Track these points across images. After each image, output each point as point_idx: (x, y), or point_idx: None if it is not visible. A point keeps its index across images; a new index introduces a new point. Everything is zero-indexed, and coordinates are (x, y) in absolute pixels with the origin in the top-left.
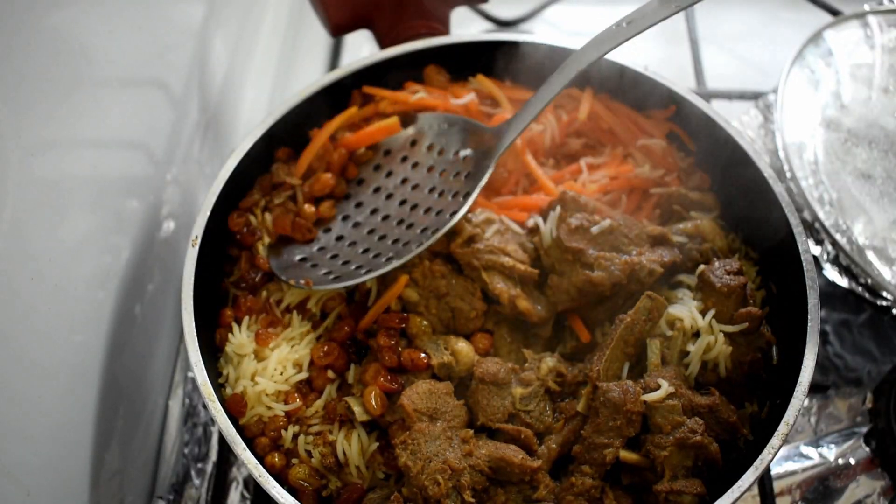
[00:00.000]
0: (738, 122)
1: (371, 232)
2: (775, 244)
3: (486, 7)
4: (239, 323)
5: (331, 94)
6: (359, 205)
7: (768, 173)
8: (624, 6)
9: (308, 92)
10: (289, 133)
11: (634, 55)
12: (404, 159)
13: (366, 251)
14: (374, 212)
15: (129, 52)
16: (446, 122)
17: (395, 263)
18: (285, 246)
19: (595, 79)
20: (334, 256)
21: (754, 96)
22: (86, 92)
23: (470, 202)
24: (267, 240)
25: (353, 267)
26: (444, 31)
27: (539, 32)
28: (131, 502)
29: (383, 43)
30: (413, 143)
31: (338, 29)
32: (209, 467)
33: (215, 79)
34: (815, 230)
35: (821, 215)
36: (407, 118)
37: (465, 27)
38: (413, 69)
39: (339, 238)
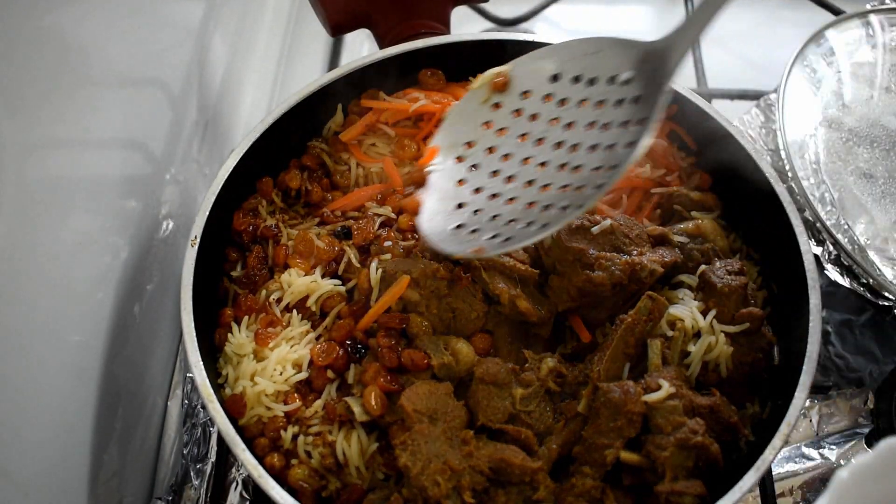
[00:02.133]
0: (739, 121)
1: (530, 183)
2: (777, 244)
3: (486, 7)
4: (238, 323)
5: (330, 94)
6: (506, 156)
7: (769, 173)
8: (624, 6)
9: (307, 91)
10: (289, 132)
11: None
12: (547, 97)
13: (531, 204)
14: (525, 160)
15: (127, 51)
16: (592, 47)
17: (577, 212)
18: (430, 219)
19: None
20: (494, 217)
21: (755, 96)
22: (84, 92)
23: (649, 130)
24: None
25: (522, 225)
26: (445, 30)
27: (539, 32)
28: (130, 503)
29: (383, 42)
30: (555, 77)
31: (337, 28)
32: (208, 468)
33: (214, 78)
34: (816, 230)
35: (822, 215)
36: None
37: (466, 27)
38: (413, 70)
39: (494, 196)
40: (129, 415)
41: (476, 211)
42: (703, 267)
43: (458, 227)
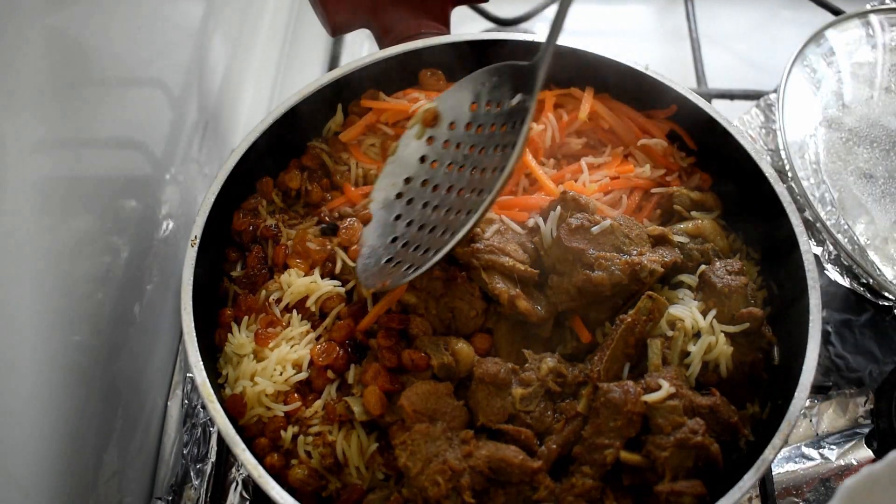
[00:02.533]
0: (740, 121)
1: (436, 208)
2: (776, 244)
3: (486, 7)
4: (238, 323)
5: (330, 94)
6: (436, 187)
7: (769, 173)
8: (624, 6)
9: (307, 91)
10: (289, 133)
11: (636, 55)
12: (468, 125)
13: (432, 230)
14: (449, 189)
15: (127, 51)
16: (496, 75)
17: (453, 242)
18: (369, 256)
19: (596, 79)
20: (405, 245)
21: (755, 96)
22: (84, 92)
23: (514, 157)
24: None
25: (423, 252)
26: (445, 30)
27: (539, 32)
28: (130, 503)
29: (383, 42)
30: (472, 106)
31: (337, 28)
32: (208, 468)
33: (214, 78)
34: (816, 230)
35: (822, 215)
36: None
37: (466, 27)
38: (413, 70)
39: (422, 227)
40: (129, 415)
41: (405, 244)
42: (703, 267)
43: (388, 260)
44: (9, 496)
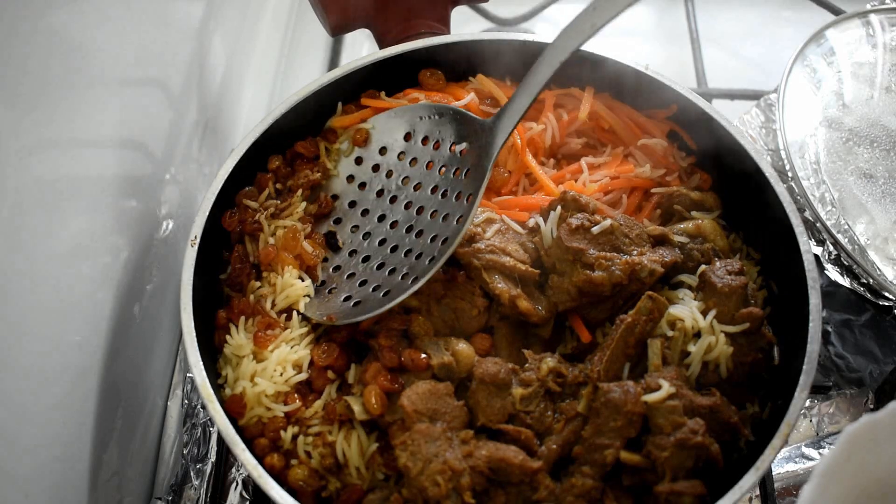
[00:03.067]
0: (740, 121)
1: (382, 243)
2: (776, 244)
3: (486, 7)
4: (234, 324)
5: (330, 93)
6: (365, 212)
7: (769, 173)
8: None
9: (307, 91)
10: (288, 133)
11: (636, 55)
12: (401, 155)
13: (381, 266)
14: (381, 218)
15: (127, 51)
16: (436, 112)
17: (414, 288)
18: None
19: (595, 78)
20: (351, 275)
21: (755, 96)
22: (84, 91)
23: (475, 208)
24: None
25: (371, 288)
26: (445, 30)
27: (540, 32)
28: (130, 503)
29: (383, 43)
30: (407, 136)
31: (337, 28)
32: (208, 468)
33: (214, 78)
34: (816, 230)
35: (822, 215)
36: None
37: (466, 27)
38: (413, 70)
39: (353, 252)
40: (129, 415)
41: (336, 268)
42: (703, 267)
43: (321, 284)
44: (9, 496)
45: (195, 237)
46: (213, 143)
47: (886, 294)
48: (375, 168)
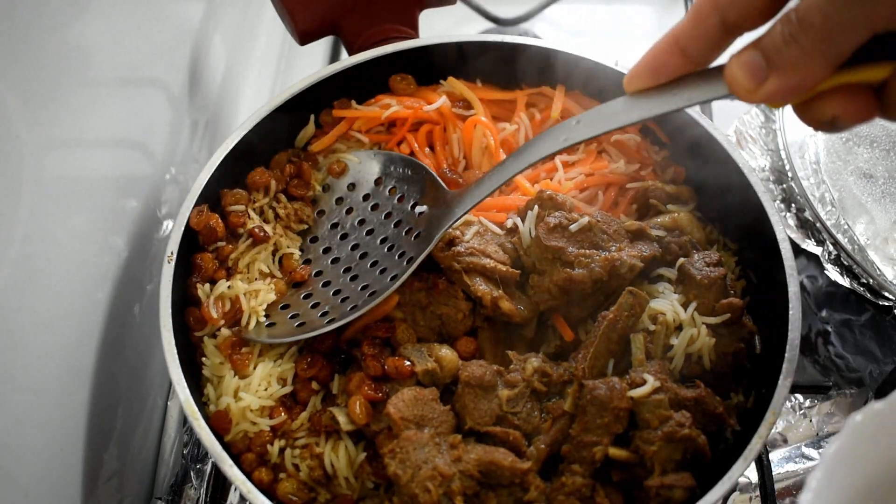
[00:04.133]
0: (740, 121)
1: (318, 275)
2: (752, 233)
3: (486, 6)
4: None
5: (300, 104)
6: (314, 240)
7: (742, 162)
8: (624, 6)
9: (271, 106)
10: (260, 146)
11: (635, 55)
12: (366, 197)
13: (315, 306)
14: (326, 251)
15: (127, 51)
16: (410, 168)
17: (330, 327)
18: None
19: (567, 77)
20: (308, 296)
21: None
22: (85, 92)
23: (406, 275)
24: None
25: (311, 304)
26: (414, 34)
27: (539, 32)
28: (130, 503)
29: (352, 49)
30: (378, 180)
31: (305, 36)
32: (208, 468)
33: (214, 78)
34: (816, 230)
35: (822, 215)
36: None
37: (466, 27)
38: (385, 74)
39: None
40: (130, 415)
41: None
42: (681, 260)
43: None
44: (8, 497)
45: (171, 253)
46: (212, 143)
47: (886, 294)
48: (339, 201)
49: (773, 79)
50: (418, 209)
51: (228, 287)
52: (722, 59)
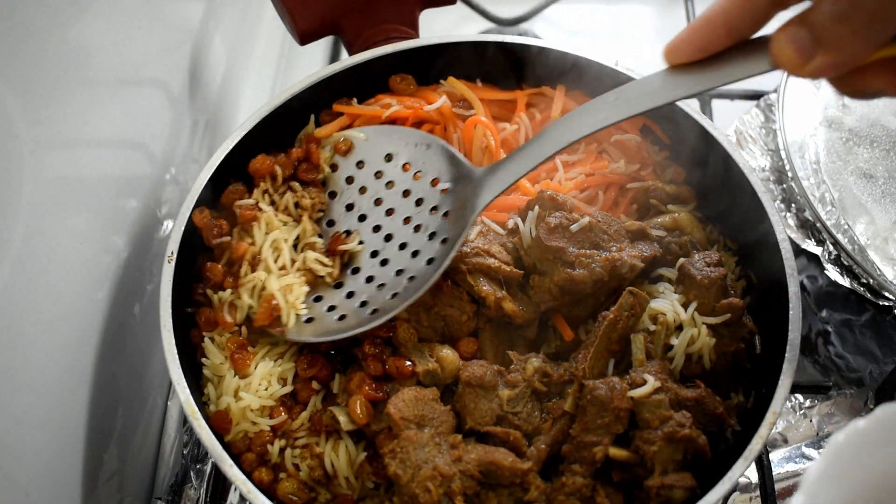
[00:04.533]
0: (740, 121)
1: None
2: (753, 233)
3: (486, 6)
4: (210, 337)
5: (302, 103)
6: (331, 223)
7: (742, 162)
8: (624, 6)
9: (276, 103)
10: (260, 146)
11: (635, 55)
12: (378, 175)
13: (340, 285)
14: (346, 234)
15: (127, 51)
16: (424, 143)
17: (378, 321)
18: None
19: (567, 77)
20: (339, 285)
21: (755, 96)
22: (85, 91)
23: (448, 259)
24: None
25: (336, 317)
26: (414, 34)
27: (539, 32)
28: (130, 503)
29: (352, 49)
30: (388, 157)
31: (305, 36)
32: (208, 468)
33: (214, 78)
34: (816, 230)
35: (822, 215)
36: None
37: (465, 27)
38: (385, 74)
39: None
40: (130, 415)
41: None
42: (681, 260)
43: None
44: (9, 496)
45: (172, 253)
46: (213, 143)
47: (886, 294)
48: (349, 180)
49: (820, 56)
50: (440, 186)
51: (261, 287)
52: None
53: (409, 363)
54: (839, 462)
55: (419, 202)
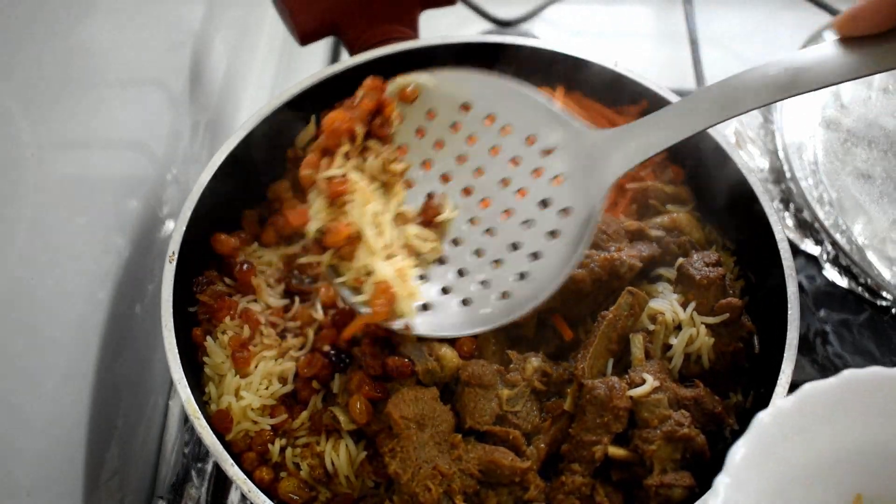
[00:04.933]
0: (739, 122)
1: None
2: (751, 233)
3: (485, 7)
4: (213, 337)
5: (299, 106)
6: (408, 182)
7: (741, 162)
8: (624, 6)
9: (270, 108)
10: (260, 146)
11: (634, 56)
12: (454, 125)
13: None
14: (428, 196)
15: (129, 52)
16: (513, 94)
17: (497, 323)
18: None
19: (566, 77)
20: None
21: None
22: (86, 93)
23: (589, 234)
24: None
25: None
26: (413, 35)
27: (540, 32)
28: (131, 502)
29: (353, 50)
30: (464, 106)
31: (306, 36)
32: (209, 467)
33: (215, 79)
34: (814, 230)
35: (820, 215)
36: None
37: (465, 28)
38: (386, 75)
39: None
40: (131, 414)
41: None
42: (680, 260)
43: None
44: (9, 495)
45: (173, 253)
46: (213, 143)
47: (884, 294)
48: (419, 132)
49: None
50: (542, 144)
51: (365, 273)
52: None
53: (408, 362)
54: (765, 444)
55: (515, 161)
